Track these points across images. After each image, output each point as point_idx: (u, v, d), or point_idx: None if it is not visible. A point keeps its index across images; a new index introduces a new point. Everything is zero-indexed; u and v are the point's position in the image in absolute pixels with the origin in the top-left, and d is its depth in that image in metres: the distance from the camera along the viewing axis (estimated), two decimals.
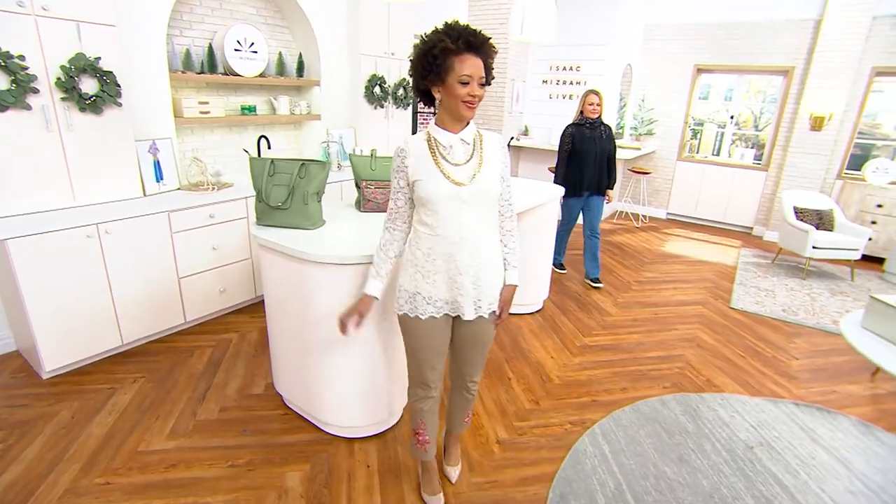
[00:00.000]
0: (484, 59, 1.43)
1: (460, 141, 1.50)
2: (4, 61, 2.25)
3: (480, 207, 1.52)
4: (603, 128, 3.90)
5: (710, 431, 2.42)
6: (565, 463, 2.14)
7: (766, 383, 2.87)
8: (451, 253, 1.52)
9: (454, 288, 1.56)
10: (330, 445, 2.17)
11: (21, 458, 2.01)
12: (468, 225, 1.51)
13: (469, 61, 1.39)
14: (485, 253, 1.56)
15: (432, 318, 1.61)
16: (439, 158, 1.49)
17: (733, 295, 4.15)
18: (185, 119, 3.14)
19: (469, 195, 1.48)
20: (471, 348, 1.71)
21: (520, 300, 3.53)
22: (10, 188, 2.38)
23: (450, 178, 1.47)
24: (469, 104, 1.43)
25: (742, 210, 6.28)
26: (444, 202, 1.48)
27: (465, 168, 1.49)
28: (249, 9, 3.62)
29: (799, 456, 2.27)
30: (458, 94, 1.40)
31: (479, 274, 1.56)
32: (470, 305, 1.58)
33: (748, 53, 5.89)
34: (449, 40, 1.36)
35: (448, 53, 1.38)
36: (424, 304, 1.59)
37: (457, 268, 1.53)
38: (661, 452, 2.25)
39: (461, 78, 1.38)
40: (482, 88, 1.44)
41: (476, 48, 1.40)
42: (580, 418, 2.46)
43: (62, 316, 2.45)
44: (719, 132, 6.68)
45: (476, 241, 1.53)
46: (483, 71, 1.42)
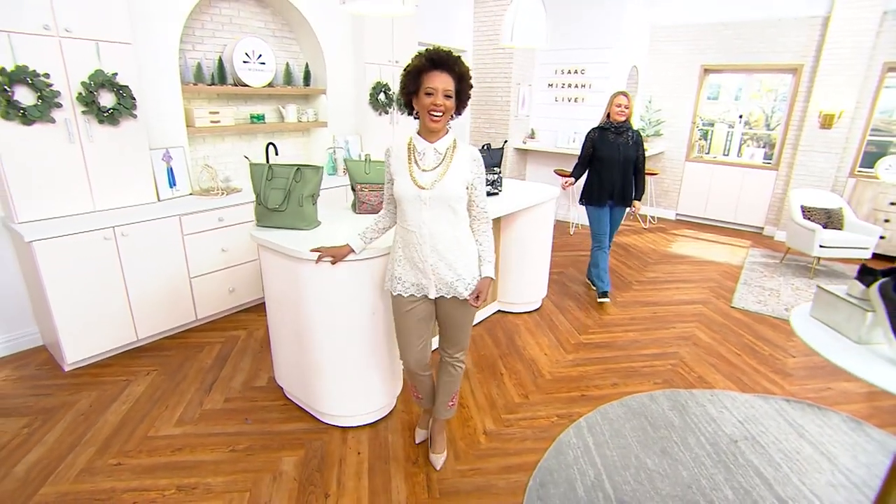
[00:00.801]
0: (452, 74, 1.65)
1: (433, 150, 1.74)
2: (32, 79, 2.46)
3: (440, 208, 1.73)
4: (630, 133, 3.59)
5: (695, 426, 2.46)
6: (548, 453, 2.22)
7: (760, 380, 2.89)
8: (413, 244, 1.78)
9: (418, 272, 1.82)
10: (324, 433, 2.30)
11: (44, 441, 2.20)
12: (428, 222, 1.74)
13: (435, 76, 1.63)
14: (445, 248, 1.77)
15: (400, 297, 1.88)
16: (412, 162, 1.74)
17: (735, 294, 4.15)
18: (196, 128, 3.34)
19: (429, 197, 1.71)
20: (445, 325, 1.95)
21: (517, 299, 3.63)
22: (36, 195, 2.59)
23: (415, 181, 1.71)
24: (434, 114, 1.65)
25: (752, 210, 6.23)
26: (407, 201, 1.73)
27: (430, 174, 1.72)
28: (258, 22, 3.82)
29: (784, 450, 2.30)
30: (424, 104, 1.66)
31: (438, 264, 1.78)
32: (432, 287, 1.83)
33: (756, 52, 5.86)
34: (421, 59, 1.64)
35: (420, 70, 1.64)
36: (397, 282, 1.87)
37: (419, 256, 1.79)
38: (645, 445, 2.31)
39: (426, 90, 1.64)
40: (449, 100, 1.66)
41: (441, 65, 1.63)
42: (568, 412, 2.53)
43: (82, 313, 2.65)
44: (729, 132, 6.63)
45: (435, 236, 1.75)
46: (451, 85, 1.65)
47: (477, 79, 6.30)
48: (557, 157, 6.41)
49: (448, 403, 2.10)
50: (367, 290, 2.12)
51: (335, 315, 2.11)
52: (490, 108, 6.32)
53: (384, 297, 2.18)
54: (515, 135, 6.42)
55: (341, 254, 1.96)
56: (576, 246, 5.51)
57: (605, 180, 3.64)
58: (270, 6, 3.86)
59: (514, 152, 6.49)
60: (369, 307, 2.14)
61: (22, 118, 2.46)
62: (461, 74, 1.67)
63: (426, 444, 2.24)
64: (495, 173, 3.31)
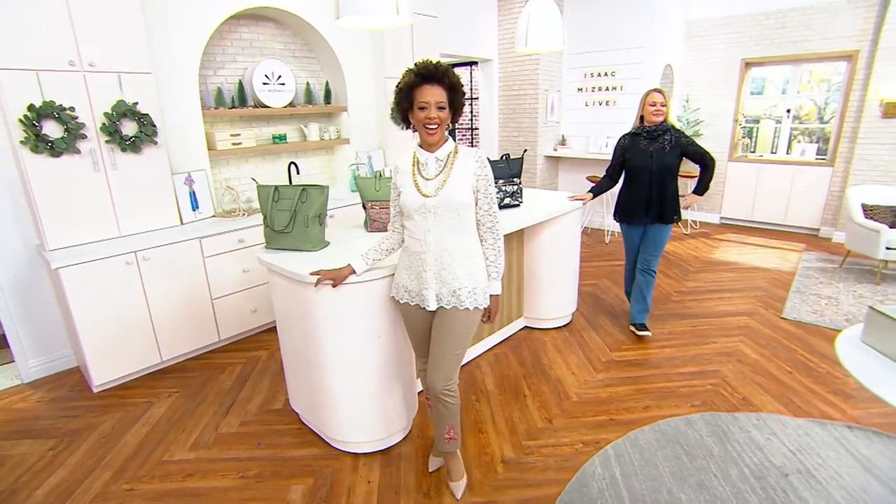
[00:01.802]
0: (443, 86, 1.64)
1: (435, 159, 1.74)
2: (58, 113, 2.58)
3: (446, 216, 1.72)
4: (668, 136, 3.00)
5: (738, 456, 2.22)
6: (570, 485, 2.05)
7: (816, 403, 2.59)
8: (417, 252, 1.78)
9: (420, 282, 1.80)
10: (336, 460, 2.23)
11: (66, 464, 2.25)
12: (433, 230, 1.73)
13: (426, 90, 1.62)
14: (450, 256, 1.75)
15: (406, 304, 1.89)
16: (416, 174, 1.75)
17: (787, 304, 3.80)
18: (218, 151, 3.41)
19: (434, 205, 1.70)
20: (436, 338, 1.84)
21: (544, 314, 3.46)
22: (65, 223, 2.70)
23: (420, 191, 1.72)
24: (429, 127, 1.66)
25: (806, 210, 5.75)
26: (413, 210, 1.73)
27: (433, 182, 1.72)
28: (278, 44, 3.88)
29: (846, 487, 2.02)
30: (419, 119, 1.66)
31: (441, 273, 1.76)
32: (432, 298, 1.80)
33: (803, 41, 5.44)
34: (411, 75, 1.64)
35: (411, 86, 1.64)
36: (402, 290, 1.88)
37: (422, 265, 1.77)
38: (679, 477, 2.10)
39: (419, 104, 1.64)
40: (443, 112, 1.66)
41: (431, 78, 1.62)
42: (594, 438, 2.35)
43: (108, 336, 2.72)
44: (777, 128, 6.19)
45: (440, 244, 1.73)
46: (443, 96, 1.64)
47: (504, 87, 6.20)
48: (590, 164, 6.18)
49: (445, 437, 1.94)
50: (372, 314, 2.04)
51: (340, 338, 2.04)
52: (518, 116, 6.19)
53: (391, 319, 2.10)
54: (545, 142, 6.25)
55: (341, 276, 1.90)
56: (611, 255, 5.26)
57: (638, 194, 3.09)
58: (290, 27, 3.92)
59: (544, 160, 6.32)
60: (374, 331, 2.06)
61: (50, 151, 2.57)
62: (452, 85, 1.66)
63: (440, 473, 2.13)
64: (515, 184, 3.19)
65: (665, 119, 3.01)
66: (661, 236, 3.15)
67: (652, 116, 2.99)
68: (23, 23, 2.42)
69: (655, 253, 3.20)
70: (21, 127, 2.48)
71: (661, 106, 2.96)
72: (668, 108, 3.00)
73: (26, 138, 2.50)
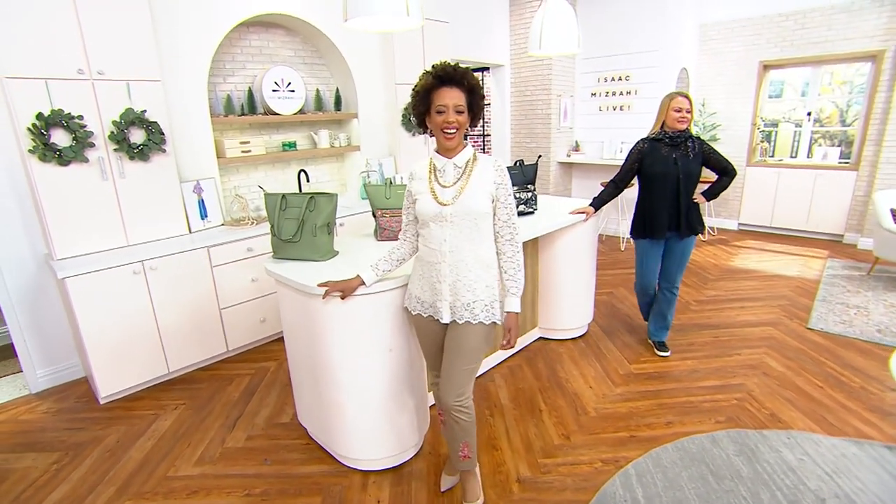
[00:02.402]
0: (462, 88, 1.58)
1: (453, 165, 1.68)
2: (67, 122, 2.56)
3: (464, 225, 1.66)
4: (691, 143, 2.78)
5: (769, 477, 2.08)
6: None
7: (850, 420, 2.45)
8: (433, 263, 1.71)
9: (434, 293, 1.74)
10: (344, 478, 2.14)
11: (69, 478, 2.19)
12: (449, 241, 1.66)
13: (444, 93, 1.57)
14: (466, 268, 1.68)
15: (420, 316, 1.81)
16: (433, 181, 1.69)
17: (813, 314, 3.64)
18: (227, 159, 3.37)
19: (452, 213, 1.64)
20: (449, 352, 1.77)
21: (559, 324, 3.36)
22: (72, 233, 2.67)
23: (437, 199, 1.66)
24: (447, 132, 1.60)
25: (829, 216, 5.57)
26: (430, 218, 1.67)
27: (451, 189, 1.66)
28: (288, 51, 3.86)
29: None
30: (437, 123, 1.61)
31: (456, 285, 1.69)
32: (446, 310, 1.72)
33: (823, 42, 5.30)
34: (429, 77, 1.59)
35: (429, 89, 1.59)
36: (414, 300, 1.82)
37: (437, 276, 1.71)
38: (706, 500, 1.96)
39: (437, 108, 1.58)
40: (462, 115, 1.60)
41: (449, 80, 1.57)
42: (614, 456, 2.24)
43: (114, 347, 2.67)
44: (797, 131, 6.03)
45: (457, 255, 1.67)
46: (462, 100, 1.58)
47: (516, 92, 6.13)
48: (604, 170, 6.07)
49: (459, 454, 1.86)
50: (382, 326, 1.96)
51: (350, 352, 1.97)
52: (531, 122, 6.11)
53: (403, 331, 2.02)
54: (559, 148, 6.16)
55: (350, 288, 1.82)
56: (627, 263, 5.13)
57: (661, 204, 2.83)
58: (300, 34, 3.89)
59: (557, 166, 6.22)
60: (385, 344, 1.98)
61: (58, 159, 2.55)
62: (471, 88, 1.61)
63: (453, 492, 2.03)
64: (529, 191, 3.10)
65: (687, 127, 2.79)
66: (687, 249, 2.95)
67: (676, 123, 2.74)
68: (32, 31, 2.41)
69: (680, 268, 2.99)
70: (29, 136, 2.46)
71: (686, 112, 2.73)
72: (692, 115, 2.78)
73: (34, 147, 2.48)
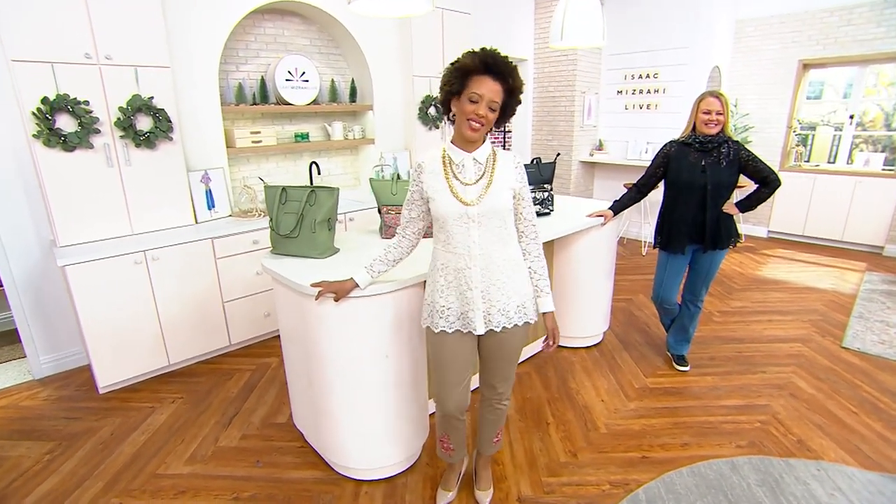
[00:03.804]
0: (504, 85, 1.45)
1: (473, 160, 1.54)
2: (72, 107, 2.51)
3: (491, 225, 1.54)
4: (726, 149, 2.50)
5: None
6: None
7: (889, 453, 2.24)
8: (461, 269, 1.56)
9: (465, 303, 1.59)
10: (336, 486, 2.05)
11: (59, 470, 2.15)
12: (479, 242, 1.54)
13: (484, 82, 1.42)
14: (497, 269, 1.57)
15: (444, 333, 1.64)
16: (451, 176, 1.53)
17: (848, 331, 3.40)
18: (237, 149, 3.31)
19: (478, 214, 1.52)
20: (490, 359, 1.73)
21: (573, 332, 3.20)
22: (77, 219, 2.63)
23: (458, 198, 1.51)
24: (473, 124, 1.45)
25: (868, 226, 5.24)
26: (453, 220, 1.53)
27: (474, 188, 1.53)
28: (303, 40, 3.77)
29: None
30: (465, 110, 1.45)
31: (489, 289, 1.57)
32: (480, 320, 1.59)
33: (871, 39, 4.96)
34: (474, 59, 1.42)
35: (468, 71, 1.43)
36: (438, 316, 1.63)
37: (467, 283, 1.57)
38: None
39: (471, 95, 1.43)
40: (494, 113, 1.46)
41: (494, 71, 1.42)
42: (623, 478, 2.09)
43: (114, 337, 2.63)
44: (836, 136, 5.69)
45: (487, 257, 1.55)
46: (499, 96, 1.45)
47: (538, 88, 5.95)
48: (628, 171, 5.84)
49: (494, 440, 1.93)
50: (379, 331, 1.85)
51: (344, 356, 1.86)
52: (554, 119, 5.92)
53: (400, 338, 1.91)
54: (581, 147, 5.96)
55: (344, 289, 1.71)
56: (648, 268, 4.92)
57: (685, 215, 2.61)
58: (316, 23, 3.80)
59: (579, 166, 6.02)
60: (381, 350, 1.87)
61: (63, 145, 2.51)
62: (514, 88, 1.47)
63: (469, 479, 2.05)
64: (546, 190, 2.95)
65: (723, 130, 2.49)
66: (714, 264, 2.70)
67: (704, 127, 2.47)
68: (38, 14, 2.36)
69: (706, 283, 2.76)
70: (34, 120, 2.42)
71: (717, 115, 2.43)
72: (726, 117, 2.45)
73: (39, 132, 2.44)
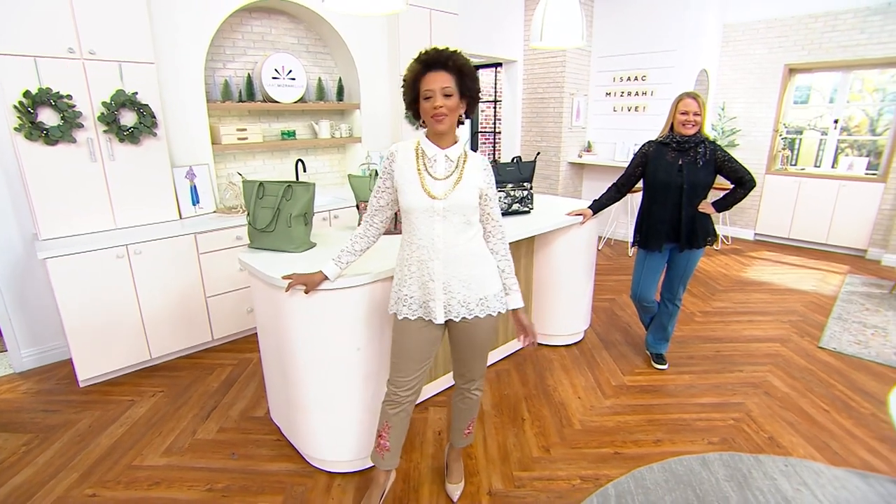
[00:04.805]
0: (451, 72, 1.50)
1: (445, 157, 1.59)
2: (55, 101, 2.53)
3: (455, 220, 1.58)
4: (702, 149, 2.55)
5: None
6: None
7: (856, 449, 2.28)
8: (424, 260, 1.61)
9: (426, 293, 1.63)
10: (309, 479, 2.07)
11: (35, 462, 2.17)
12: (442, 236, 1.58)
13: (430, 78, 1.49)
14: (459, 263, 1.61)
15: (407, 320, 1.68)
16: (422, 170, 1.58)
17: (825, 332, 3.44)
18: (223, 146, 3.33)
19: (443, 208, 1.56)
20: (459, 349, 1.77)
21: (553, 330, 3.23)
22: (59, 213, 2.64)
23: (427, 191, 1.56)
24: (437, 117, 1.51)
25: (851, 229, 5.30)
26: (419, 213, 1.57)
27: (443, 183, 1.57)
28: (291, 38, 3.80)
29: None
30: (426, 109, 1.52)
31: (450, 282, 1.61)
32: (440, 310, 1.63)
33: (856, 45, 5.03)
34: (414, 64, 1.52)
35: (416, 76, 1.52)
36: (402, 304, 1.68)
37: (429, 275, 1.61)
38: None
39: (425, 93, 1.50)
40: (450, 99, 1.51)
41: (434, 64, 1.49)
42: (594, 473, 2.12)
43: (95, 330, 2.65)
44: (822, 140, 5.75)
45: (449, 251, 1.59)
46: (449, 81, 1.50)
47: (528, 89, 5.99)
48: (616, 172, 5.86)
49: (465, 431, 1.97)
50: (350, 324, 1.88)
51: (315, 349, 1.89)
52: (542, 120, 5.96)
53: (372, 330, 1.93)
54: (570, 148, 6.00)
55: (313, 282, 1.74)
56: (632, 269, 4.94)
57: (660, 214, 2.65)
58: (304, 21, 3.83)
59: (568, 166, 6.06)
60: (353, 343, 1.89)
61: (45, 139, 2.52)
62: (459, 69, 1.51)
63: (436, 474, 2.10)
64: (525, 188, 2.98)
65: (699, 131, 2.55)
66: (691, 263, 2.74)
67: (681, 127, 2.52)
68: (22, 7, 2.38)
69: (683, 281, 2.80)
70: (16, 113, 2.44)
71: (694, 115, 2.48)
72: (702, 117, 2.51)
73: (21, 125, 2.45)
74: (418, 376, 1.75)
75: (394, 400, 1.75)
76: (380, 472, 1.84)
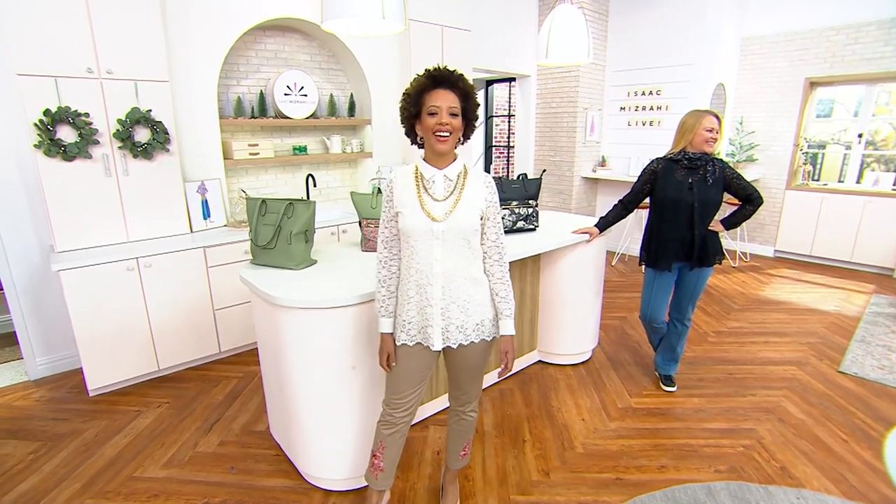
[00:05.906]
0: (458, 93, 1.51)
1: (443, 177, 1.57)
2: (73, 119, 2.62)
3: (455, 244, 1.55)
4: (712, 167, 2.54)
5: None
6: None
7: (876, 483, 2.16)
8: (422, 285, 1.58)
9: (424, 318, 1.60)
10: (304, 496, 2.06)
11: (41, 470, 2.21)
12: (441, 260, 1.55)
13: (437, 94, 1.49)
14: (458, 288, 1.58)
15: (405, 346, 1.66)
16: (421, 192, 1.56)
17: (847, 355, 3.31)
18: (234, 161, 3.40)
19: (442, 231, 1.53)
20: (454, 371, 1.76)
21: (560, 348, 3.18)
22: (73, 226, 2.73)
23: (427, 213, 1.53)
24: (440, 135, 1.49)
25: (878, 247, 5.11)
26: (418, 235, 1.54)
27: (443, 204, 1.55)
28: (304, 55, 3.88)
29: None
30: (429, 125, 1.50)
31: (449, 307, 1.58)
32: (438, 336, 1.61)
33: (880, 58, 4.89)
34: (421, 79, 1.51)
35: (421, 91, 1.51)
36: (400, 329, 1.65)
37: (427, 300, 1.58)
38: None
39: (430, 109, 1.49)
40: (456, 119, 1.50)
41: (443, 82, 1.50)
42: (594, 499, 2.06)
43: (105, 340, 2.71)
44: (846, 155, 5.59)
45: (448, 275, 1.56)
46: (456, 102, 1.50)
47: (541, 104, 5.98)
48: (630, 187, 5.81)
49: (460, 453, 1.94)
50: (346, 342, 1.88)
51: (312, 366, 1.89)
52: (556, 135, 5.93)
53: (366, 349, 1.93)
54: (584, 163, 5.96)
55: (386, 346, 1.69)
56: None
57: (671, 233, 2.61)
58: (316, 39, 3.91)
59: (581, 181, 6.01)
60: (349, 361, 1.89)
61: (63, 155, 2.62)
62: (466, 92, 1.53)
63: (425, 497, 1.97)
64: (530, 206, 2.96)
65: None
66: (701, 281, 2.69)
67: (705, 145, 2.50)
68: (44, 30, 2.49)
69: (692, 301, 2.76)
70: (36, 131, 2.54)
71: (716, 133, 2.50)
72: (721, 136, 2.56)
73: (40, 142, 2.55)
74: (414, 398, 1.73)
75: (389, 420, 1.74)
76: (373, 492, 1.83)
